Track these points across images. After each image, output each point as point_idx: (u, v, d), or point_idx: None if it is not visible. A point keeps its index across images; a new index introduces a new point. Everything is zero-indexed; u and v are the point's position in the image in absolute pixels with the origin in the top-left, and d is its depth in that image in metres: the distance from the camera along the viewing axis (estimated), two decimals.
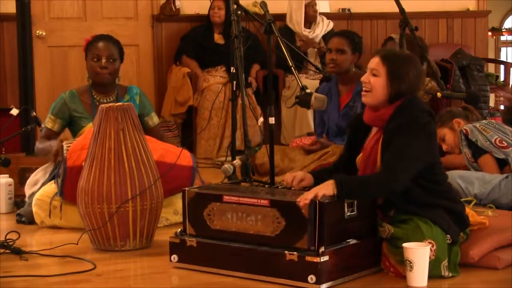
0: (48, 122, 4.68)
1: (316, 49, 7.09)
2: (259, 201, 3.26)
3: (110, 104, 3.81)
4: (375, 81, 3.35)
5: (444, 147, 4.82)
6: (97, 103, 4.62)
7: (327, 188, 3.16)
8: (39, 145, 4.65)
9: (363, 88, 3.39)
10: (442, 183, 3.40)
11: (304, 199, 3.12)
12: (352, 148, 3.52)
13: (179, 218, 4.22)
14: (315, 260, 3.08)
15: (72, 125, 4.69)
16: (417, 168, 3.24)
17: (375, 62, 3.37)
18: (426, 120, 3.28)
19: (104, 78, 4.65)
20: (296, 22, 7.11)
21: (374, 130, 3.45)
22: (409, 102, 3.33)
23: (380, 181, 3.22)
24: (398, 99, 3.34)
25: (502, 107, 7.36)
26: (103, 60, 4.62)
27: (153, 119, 4.82)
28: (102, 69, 4.62)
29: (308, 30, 7.11)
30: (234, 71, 4.89)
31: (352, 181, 3.24)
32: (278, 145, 5.79)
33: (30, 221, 4.37)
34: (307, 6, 7.12)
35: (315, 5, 7.13)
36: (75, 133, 4.69)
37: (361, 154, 3.45)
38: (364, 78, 3.38)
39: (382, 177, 3.22)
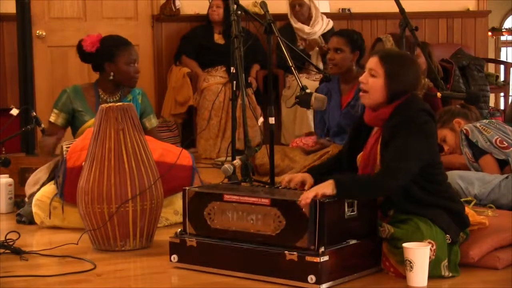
0: (52, 116, 4.75)
1: (317, 49, 7.08)
2: (260, 200, 3.26)
3: (110, 104, 3.81)
4: (373, 82, 3.34)
5: (446, 148, 4.81)
6: (102, 101, 4.65)
7: (327, 188, 3.16)
8: (41, 140, 4.79)
9: (361, 89, 3.39)
10: (442, 183, 3.40)
11: (305, 198, 3.13)
12: (354, 147, 3.51)
13: (179, 218, 4.22)
14: (315, 260, 3.08)
15: (74, 120, 4.72)
16: (416, 167, 3.23)
17: (373, 62, 3.36)
18: (424, 119, 3.28)
19: (136, 82, 4.77)
20: (289, 15, 7.17)
21: (375, 129, 3.46)
22: (408, 101, 3.33)
23: (380, 181, 3.22)
24: (397, 99, 3.34)
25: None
26: (136, 65, 4.73)
27: (151, 121, 4.84)
28: (136, 73, 4.73)
29: (307, 26, 7.12)
30: (234, 71, 4.89)
31: (352, 181, 3.24)
32: (278, 145, 5.79)
33: (30, 221, 4.37)
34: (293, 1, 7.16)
35: (303, 3, 7.14)
36: (77, 128, 4.71)
37: (361, 153, 3.46)
38: (362, 78, 3.38)
39: (382, 177, 3.22)
